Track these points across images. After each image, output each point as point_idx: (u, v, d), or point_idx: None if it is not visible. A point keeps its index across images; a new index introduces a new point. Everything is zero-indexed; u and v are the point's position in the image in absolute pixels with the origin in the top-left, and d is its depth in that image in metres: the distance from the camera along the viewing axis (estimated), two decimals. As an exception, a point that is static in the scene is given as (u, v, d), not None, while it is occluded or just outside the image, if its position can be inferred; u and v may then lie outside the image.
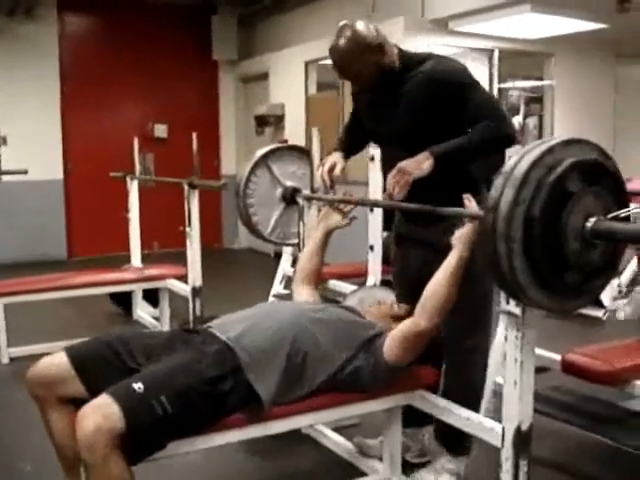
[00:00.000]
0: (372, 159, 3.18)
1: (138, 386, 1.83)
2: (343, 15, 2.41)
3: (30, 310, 4.56)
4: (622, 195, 1.78)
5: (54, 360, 2.03)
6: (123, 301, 5.12)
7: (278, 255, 4.65)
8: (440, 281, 2.12)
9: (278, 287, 4.27)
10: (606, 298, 4.65)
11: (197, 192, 4.03)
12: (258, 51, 8.55)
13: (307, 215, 3.05)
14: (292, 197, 3.21)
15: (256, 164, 3.22)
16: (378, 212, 3.31)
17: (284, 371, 2.07)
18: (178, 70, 8.55)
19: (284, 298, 3.87)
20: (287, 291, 4.11)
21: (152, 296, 4.93)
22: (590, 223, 1.68)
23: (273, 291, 4.24)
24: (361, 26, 2.34)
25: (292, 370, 2.08)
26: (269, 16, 8.30)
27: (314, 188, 2.90)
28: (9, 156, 7.53)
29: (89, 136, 8.09)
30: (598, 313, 4.66)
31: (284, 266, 4.31)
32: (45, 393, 2.01)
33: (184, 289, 4.29)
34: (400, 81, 2.40)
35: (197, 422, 1.94)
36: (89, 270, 5.08)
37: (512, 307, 1.89)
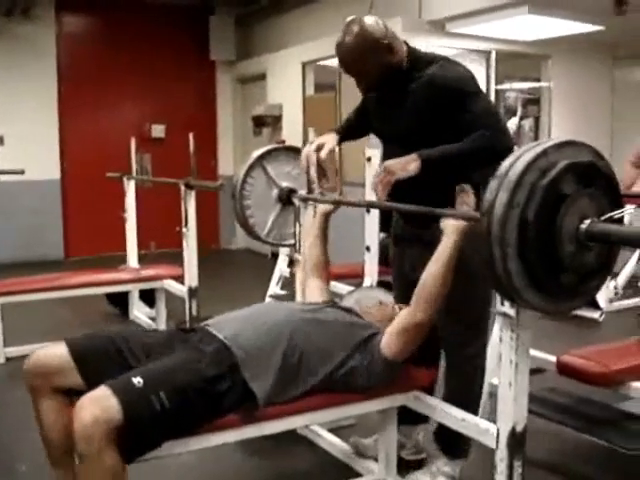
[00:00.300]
0: (369, 160, 3.19)
1: (137, 380, 1.83)
2: (341, 16, 2.38)
3: (27, 310, 4.55)
4: (616, 196, 1.78)
5: (54, 350, 2.02)
6: (120, 301, 5.12)
7: (275, 256, 4.65)
8: (432, 271, 2.12)
9: (275, 288, 4.28)
10: (602, 300, 4.68)
11: (194, 193, 4.03)
12: (256, 52, 8.55)
13: (303, 216, 3.05)
14: (288, 198, 3.20)
15: (251, 166, 3.21)
16: (375, 213, 3.32)
17: (280, 370, 2.07)
18: (176, 70, 8.54)
19: (281, 299, 3.88)
20: (284, 292, 4.12)
21: (149, 296, 4.93)
22: (585, 225, 1.68)
23: (270, 291, 4.25)
24: (370, 21, 2.25)
25: (288, 369, 2.09)
26: (267, 17, 8.30)
27: (310, 188, 2.89)
28: (6, 156, 7.51)
29: (86, 136, 8.07)
30: (594, 314, 4.68)
31: (281, 267, 4.32)
32: (41, 383, 2.00)
33: (180, 289, 4.30)
34: (407, 80, 2.33)
35: (194, 420, 1.94)
36: (86, 270, 5.08)
37: (507, 308, 1.89)
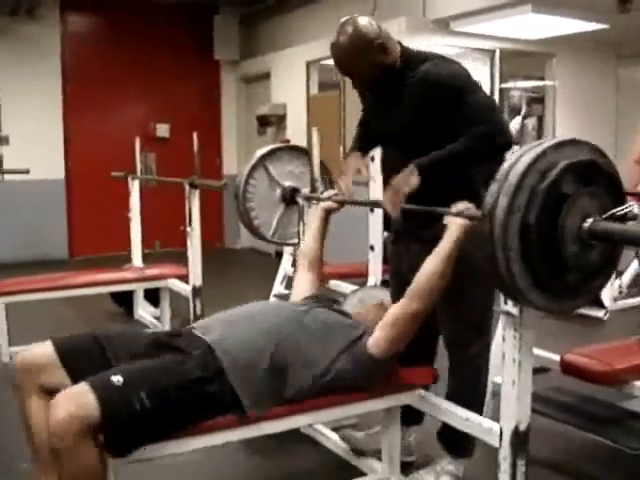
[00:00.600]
0: (372, 159, 3.18)
1: (117, 379, 1.82)
2: (345, 15, 2.39)
3: (31, 309, 4.56)
4: (619, 193, 1.77)
5: (40, 349, 2.05)
6: (124, 301, 5.13)
7: (279, 255, 4.65)
8: (432, 264, 2.11)
9: (279, 287, 4.27)
10: (607, 298, 4.67)
11: (198, 192, 4.03)
12: (260, 51, 8.55)
13: (307, 215, 3.05)
14: (292, 197, 3.20)
15: (253, 167, 3.20)
16: (378, 212, 3.31)
17: (267, 376, 2.03)
18: (180, 70, 8.56)
19: (285, 298, 3.87)
20: (288, 291, 4.11)
21: (153, 296, 4.93)
22: (587, 224, 1.67)
23: (274, 291, 4.24)
24: (364, 22, 2.28)
25: (275, 376, 2.05)
26: (271, 16, 8.31)
27: (314, 187, 2.89)
28: (11, 156, 7.59)
29: (91, 136, 8.09)
30: (599, 313, 4.67)
31: (285, 266, 4.32)
32: (27, 380, 2.00)
33: (185, 289, 4.30)
34: (401, 80, 2.34)
35: (177, 420, 1.91)
36: (90, 270, 5.08)
37: (510, 307, 1.89)
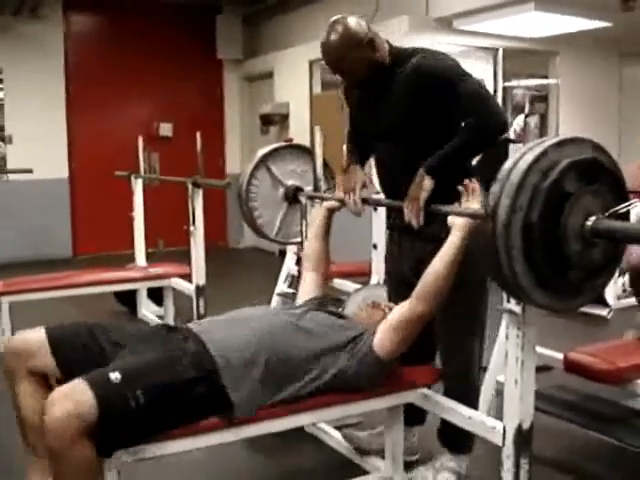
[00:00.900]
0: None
1: (115, 376, 1.81)
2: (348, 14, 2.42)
3: (35, 308, 4.56)
4: (621, 190, 1.76)
5: (32, 334, 2.05)
6: (128, 300, 5.14)
7: (283, 254, 4.65)
8: (438, 267, 2.12)
9: (282, 286, 4.27)
10: (610, 297, 4.67)
11: (201, 191, 4.03)
12: (263, 50, 8.55)
13: (310, 214, 3.05)
14: (294, 196, 3.20)
15: (256, 166, 3.20)
16: (382, 211, 3.32)
17: (260, 379, 2.02)
18: (183, 69, 8.56)
19: (288, 297, 3.88)
20: (291, 290, 4.11)
21: (157, 295, 4.94)
22: (590, 222, 1.66)
23: (277, 290, 4.24)
24: (352, 22, 2.34)
25: (269, 379, 2.04)
26: (273, 15, 8.31)
27: (317, 186, 2.89)
28: (15, 155, 7.61)
29: (94, 135, 8.11)
30: (602, 311, 4.68)
31: (288, 265, 4.32)
32: (16, 364, 2.00)
33: (188, 288, 4.31)
34: (390, 76, 2.39)
35: (168, 421, 1.91)
36: (94, 269, 5.10)
37: (513, 306, 1.90)
